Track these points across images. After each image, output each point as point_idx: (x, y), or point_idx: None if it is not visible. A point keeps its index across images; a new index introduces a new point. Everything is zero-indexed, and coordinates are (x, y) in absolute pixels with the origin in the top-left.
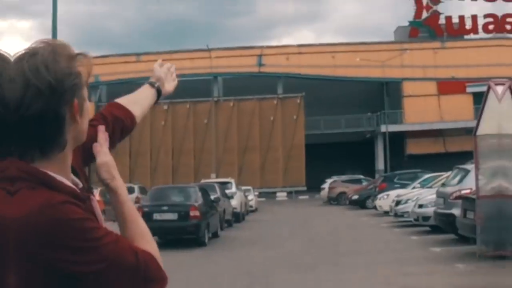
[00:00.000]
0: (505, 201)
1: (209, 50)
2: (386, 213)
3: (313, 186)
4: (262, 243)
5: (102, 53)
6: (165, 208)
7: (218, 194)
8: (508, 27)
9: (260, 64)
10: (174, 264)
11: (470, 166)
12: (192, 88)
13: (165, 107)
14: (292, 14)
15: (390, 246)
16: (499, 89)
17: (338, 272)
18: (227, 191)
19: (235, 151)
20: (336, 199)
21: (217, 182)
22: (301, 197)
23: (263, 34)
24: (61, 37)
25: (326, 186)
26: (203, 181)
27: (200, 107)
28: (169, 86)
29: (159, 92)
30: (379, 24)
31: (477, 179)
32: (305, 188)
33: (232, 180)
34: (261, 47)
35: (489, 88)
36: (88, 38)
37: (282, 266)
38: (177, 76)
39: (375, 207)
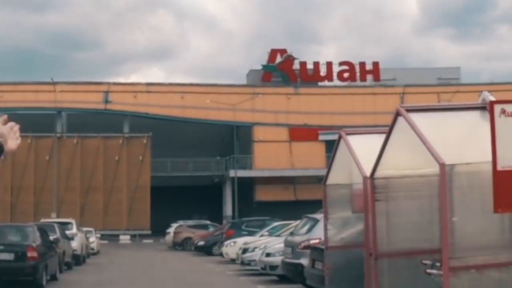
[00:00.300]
0: (355, 252)
1: (53, 83)
2: (233, 260)
3: (159, 230)
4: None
5: None
6: (0, 247)
7: (58, 234)
8: (363, 75)
9: (107, 101)
10: None
11: (319, 216)
12: (35, 122)
13: None
14: (142, 50)
15: None
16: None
17: None
18: (67, 232)
19: (78, 190)
20: (181, 244)
21: (57, 222)
22: (145, 241)
23: (111, 69)
24: None
25: (171, 230)
26: (42, 220)
27: (42, 142)
28: (12, 143)
29: (1, 148)
30: (231, 66)
31: (326, 229)
32: (149, 232)
33: (73, 221)
34: (108, 84)
35: (340, 137)
36: None
37: None
38: (20, 109)
39: (221, 254)
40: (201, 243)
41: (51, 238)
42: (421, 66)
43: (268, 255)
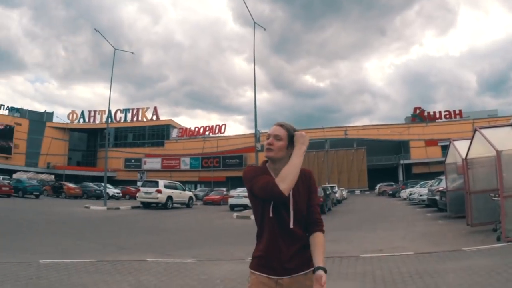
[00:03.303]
0: (460, 192)
1: None
2: (404, 199)
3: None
4: (349, 212)
5: None
6: None
7: (330, 191)
8: None
9: None
10: None
11: (443, 178)
12: None
13: None
14: None
15: (407, 213)
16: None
17: (386, 222)
18: (334, 190)
19: None
20: (382, 193)
21: (330, 186)
22: (357, 192)
23: None
24: None
25: (377, 187)
26: (323, 185)
27: None
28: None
29: None
30: None
31: (446, 183)
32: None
33: (336, 185)
34: None
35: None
36: None
37: (360, 221)
38: None
39: (399, 197)
40: (390, 192)
41: (327, 192)
42: None
43: (421, 195)
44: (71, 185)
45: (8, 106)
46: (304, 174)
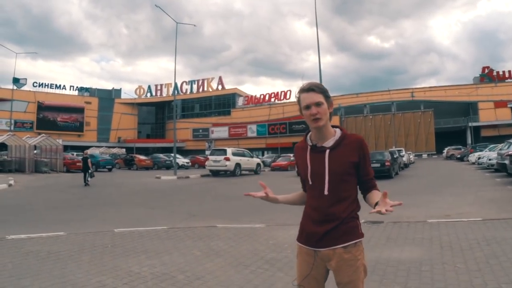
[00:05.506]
0: None
1: None
2: (473, 163)
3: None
4: (417, 177)
5: None
6: (373, 160)
7: (397, 155)
8: None
9: None
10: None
11: None
12: None
13: None
14: None
15: (475, 178)
16: None
17: (454, 187)
18: (401, 154)
19: None
20: (450, 157)
21: (397, 150)
22: (424, 156)
23: None
24: None
25: (445, 150)
26: (389, 149)
27: None
28: None
29: None
30: None
31: None
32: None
33: (403, 148)
34: None
35: None
36: None
37: (427, 186)
38: None
39: (468, 161)
40: (458, 156)
41: (395, 156)
42: None
43: (490, 160)
44: (142, 157)
45: (77, 87)
46: (354, 142)
